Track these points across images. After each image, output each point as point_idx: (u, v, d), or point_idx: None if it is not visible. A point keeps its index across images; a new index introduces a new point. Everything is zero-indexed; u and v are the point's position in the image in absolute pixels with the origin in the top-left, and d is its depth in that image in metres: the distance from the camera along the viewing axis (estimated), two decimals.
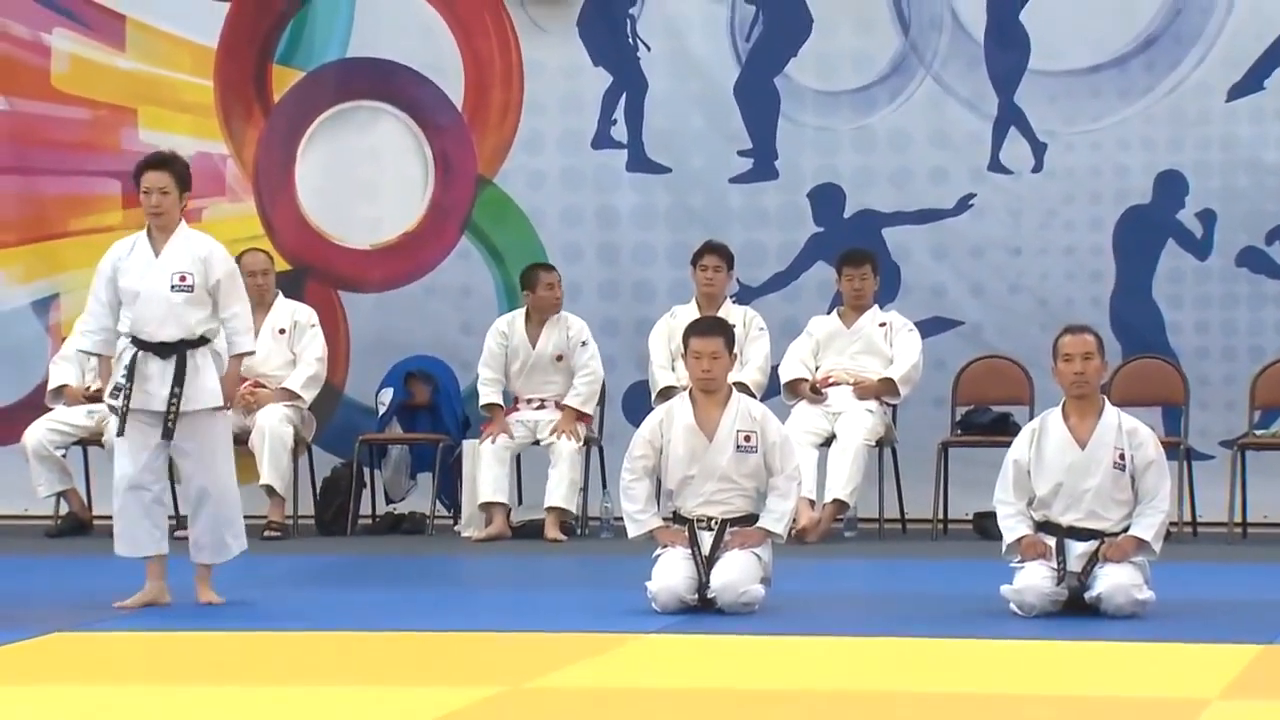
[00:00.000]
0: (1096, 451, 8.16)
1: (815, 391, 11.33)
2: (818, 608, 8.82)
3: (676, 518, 8.42)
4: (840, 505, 11.11)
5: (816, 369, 11.45)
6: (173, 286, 8.48)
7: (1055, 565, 8.16)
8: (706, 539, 8.32)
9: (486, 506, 11.33)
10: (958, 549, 10.83)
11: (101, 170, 12.49)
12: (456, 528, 11.60)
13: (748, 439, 8.32)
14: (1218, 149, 11.60)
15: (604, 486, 11.37)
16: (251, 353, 8.86)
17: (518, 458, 11.59)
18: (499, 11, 12.22)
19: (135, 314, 8.50)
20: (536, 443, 11.50)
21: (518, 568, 10.40)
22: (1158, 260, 11.61)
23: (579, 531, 11.32)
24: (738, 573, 8.26)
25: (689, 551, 8.29)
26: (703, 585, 8.27)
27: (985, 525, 11.26)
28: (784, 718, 6.51)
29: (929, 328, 11.64)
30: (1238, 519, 11.09)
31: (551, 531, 11.18)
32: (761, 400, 11.41)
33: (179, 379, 8.41)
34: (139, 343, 8.49)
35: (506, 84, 12.22)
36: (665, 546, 8.37)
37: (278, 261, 12.04)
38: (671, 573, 8.28)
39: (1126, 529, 8.19)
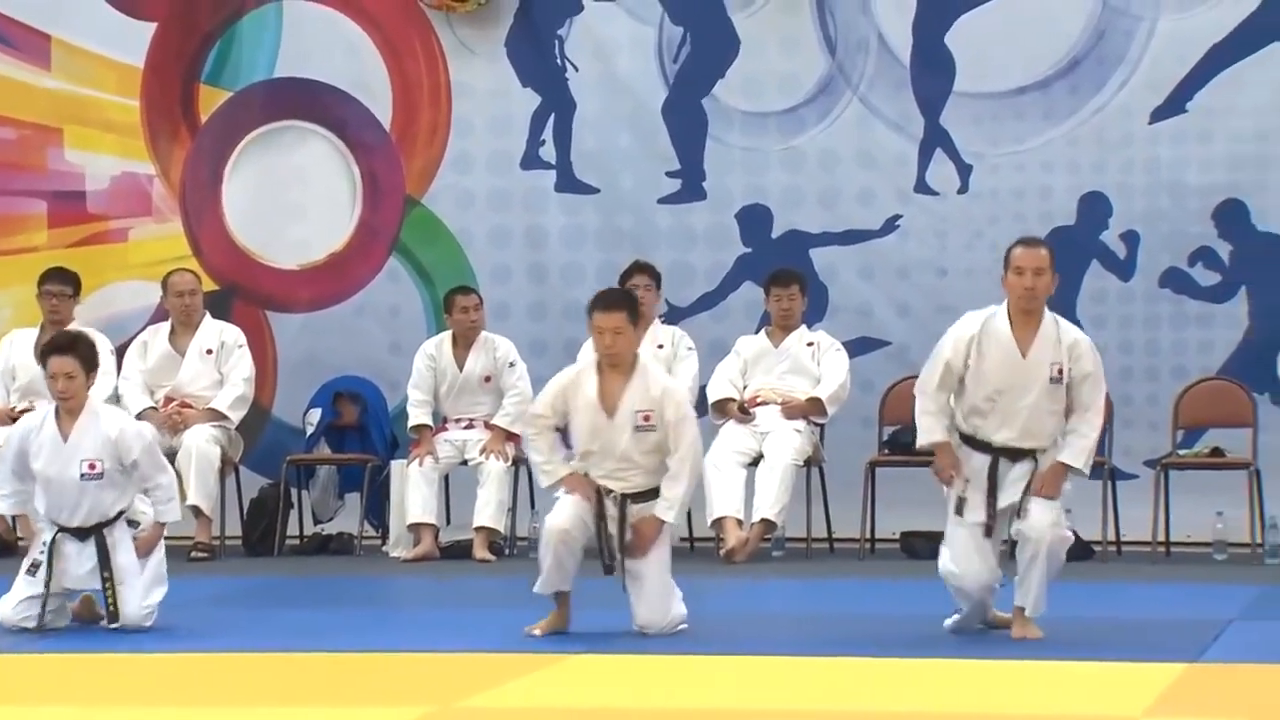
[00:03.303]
0: (1037, 364, 8.03)
1: (743, 411, 11.37)
2: (745, 628, 8.84)
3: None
4: (768, 525, 11.14)
5: (744, 389, 11.49)
6: (82, 475, 8.38)
7: (985, 517, 8.03)
8: (613, 508, 8.19)
9: (415, 527, 11.32)
10: (885, 568, 10.88)
11: (27, 190, 12.43)
12: (384, 548, 11.58)
13: (647, 419, 8.20)
14: (1141, 171, 11.71)
15: (532, 506, 11.37)
16: (177, 520, 8.74)
17: (446, 478, 11.58)
18: (427, 32, 12.23)
19: (48, 499, 8.43)
20: (465, 463, 11.49)
21: (446, 588, 10.39)
22: (1081, 281, 11.70)
23: (507, 551, 11.32)
24: (658, 603, 8.22)
25: (597, 521, 8.17)
26: (607, 557, 8.15)
27: (913, 544, 11.33)
28: None
29: (856, 347, 11.70)
30: (1161, 538, 11.17)
31: (480, 551, 11.18)
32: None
33: (104, 562, 8.37)
34: (56, 523, 8.43)
35: (435, 104, 12.23)
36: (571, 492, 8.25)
37: (205, 281, 12.00)
38: (567, 511, 8.17)
39: (1057, 441, 8.07)
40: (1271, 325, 11.58)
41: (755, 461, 11.24)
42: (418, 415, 11.52)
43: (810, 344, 11.50)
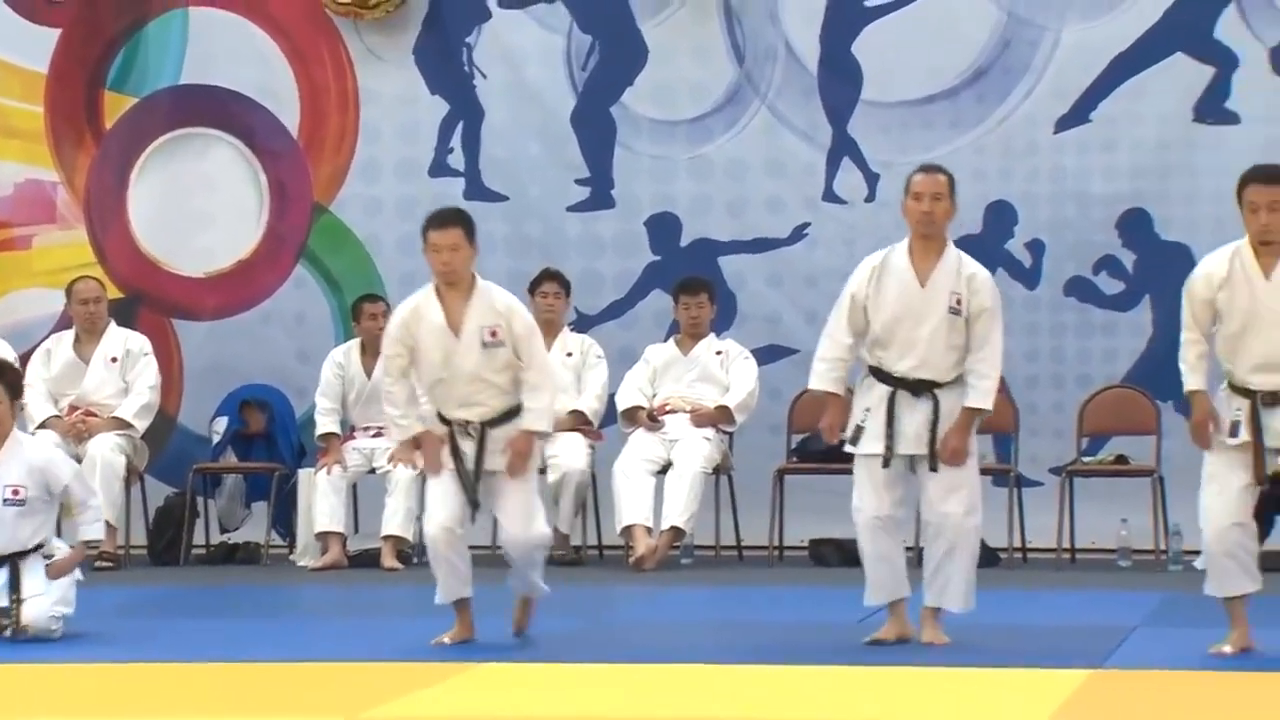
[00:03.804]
0: (935, 292, 8.03)
1: (652, 419, 11.38)
2: (654, 635, 8.85)
3: (440, 418, 8.16)
4: (677, 532, 11.16)
5: (653, 396, 11.50)
6: (5, 500, 8.32)
7: (882, 448, 7.98)
8: (469, 445, 8.08)
9: (322, 535, 11.28)
10: (793, 575, 10.91)
11: None
12: (292, 557, 11.53)
13: (494, 334, 8.10)
14: (1046, 180, 11.80)
15: None
16: (100, 539, 8.81)
17: (354, 486, 11.54)
18: (334, 39, 12.19)
19: None
20: (373, 471, 11.46)
21: (354, 597, 10.35)
22: None
23: (415, 560, 11.29)
24: (522, 519, 8.08)
25: (454, 471, 8.07)
26: (471, 495, 8.04)
27: (821, 552, 11.37)
28: None
29: (765, 355, 11.73)
30: (1066, 545, 11.26)
31: (388, 560, 11.14)
32: (599, 428, 11.54)
33: (14, 586, 8.31)
34: None
35: (342, 111, 12.19)
36: (432, 473, 8.13)
37: (110, 289, 11.92)
38: (439, 508, 8.11)
39: (958, 378, 8.06)
40: (1175, 333, 11.65)
41: (664, 469, 11.26)
42: (325, 423, 11.48)
43: (719, 352, 11.53)
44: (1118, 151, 11.70)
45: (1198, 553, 11.02)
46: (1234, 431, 7.76)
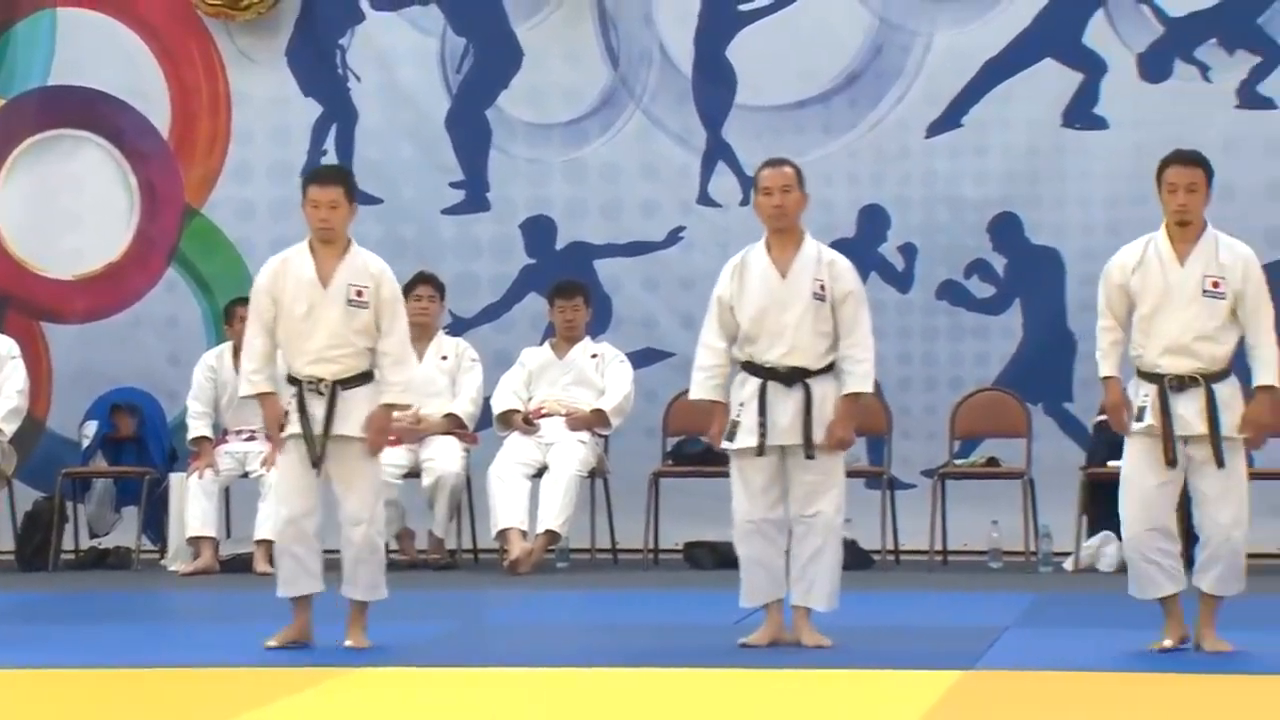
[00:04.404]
0: (797, 281, 8.08)
1: (528, 423, 11.37)
2: (529, 638, 8.84)
3: (290, 380, 8.10)
4: (552, 536, 11.15)
5: (529, 400, 11.49)
6: None
7: (756, 439, 8.01)
8: (318, 406, 8.01)
9: (194, 540, 11.19)
10: (669, 579, 10.93)
11: None
12: (163, 562, 11.44)
13: (360, 294, 8.07)
14: (918, 184, 11.88)
15: None
16: None
17: (226, 490, 11.46)
18: (205, 40, 12.09)
19: None
20: (245, 475, 11.38)
21: (226, 602, 10.27)
22: None
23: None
24: (369, 495, 7.99)
25: (299, 435, 7.98)
26: (314, 453, 7.97)
27: (696, 555, 11.40)
28: None
29: (640, 359, 11.75)
30: (939, 547, 11.34)
31: (261, 565, 11.06)
32: (474, 431, 11.51)
33: None
34: None
35: (214, 113, 12.10)
36: (272, 430, 8.06)
37: None
38: (286, 501, 8.05)
39: (829, 366, 8.09)
40: (1044, 336, 11.80)
41: (540, 473, 11.25)
42: (197, 427, 11.39)
43: (594, 355, 11.53)
44: (989, 156, 11.80)
45: (1068, 554, 11.21)
46: (1140, 416, 7.83)
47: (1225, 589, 7.91)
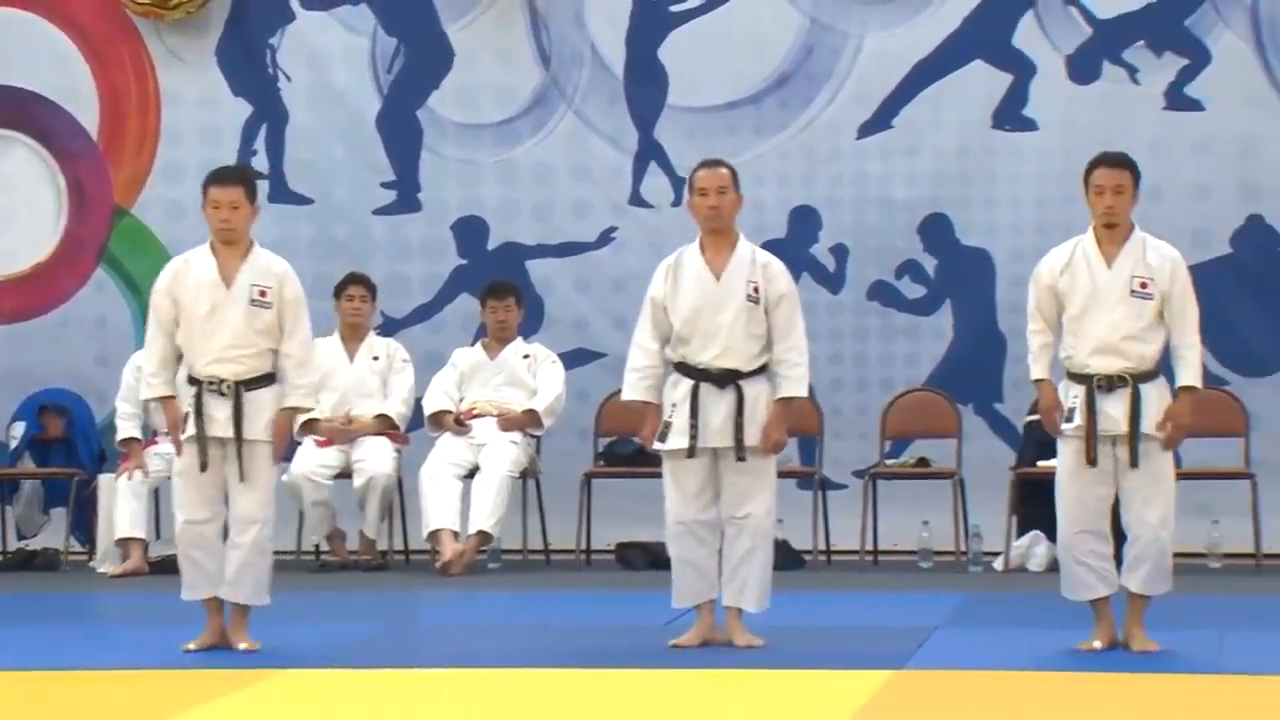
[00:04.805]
0: (731, 283, 8.08)
1: (459, 423, 11.35)
2: (461, 639, 8.83)
3: (190, 380, 8.06)
4: (484, 536, 11.14)
5: (460, 400, 11.47)
6: None
7: (687, 440, 8.01)
8: (218, 408, 7.96)
9: (123, 542, 11.14)
10: (601, 579, 10.94)
11: None
12: (92, 564, 11.38)
13: (263, 294, 8.05)
14: (849, 185, 11.92)
15: None
16: None
17: (155, 491, 11.40)
18: (134, 40, 12.03)
19: None
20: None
21: (155, 604, 10.20)
22: None
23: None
24: (264, 496, 7.95)
25: (194, 437, 7.94)
26: (203, 458, 7.93)
27: (629, 556, 11.41)
28: None
29: (572, 359, 11.75)
30: (870, 547, 11.38)
31: None
32: (406, 431, 11.49)
33: None
34: None
35: (143, 113, 12.04)
36: (173, 433, 8.03)
37: None
38: (185, 505, 8.01)
39: (762, 368, 8.09)
40: (975, 337, 11.86)
41: (471, 473, 11.24)
42: (126, 428, 11.34)
43: (526, 356, 11.53)
44: (919, 157, 11.85)
45: (998, 554, 11.27)
46: (1069, 417, 7.88)
47: (1153, 588, 7.97)
